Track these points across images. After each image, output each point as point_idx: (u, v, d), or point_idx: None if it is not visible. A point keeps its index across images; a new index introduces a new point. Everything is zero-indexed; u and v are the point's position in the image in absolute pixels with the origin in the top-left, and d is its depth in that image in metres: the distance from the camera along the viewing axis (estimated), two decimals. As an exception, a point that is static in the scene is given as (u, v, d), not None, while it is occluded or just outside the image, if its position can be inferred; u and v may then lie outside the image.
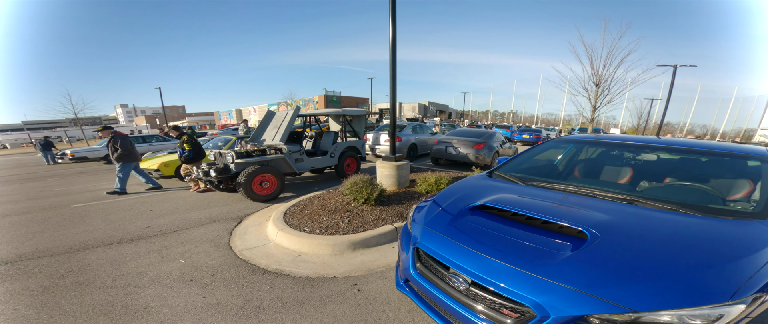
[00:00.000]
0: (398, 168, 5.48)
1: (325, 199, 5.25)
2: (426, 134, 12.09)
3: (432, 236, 2.07)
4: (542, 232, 1.85)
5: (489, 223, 2.03)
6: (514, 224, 1.98)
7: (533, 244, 1.75)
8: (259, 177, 5.75)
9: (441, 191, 2.83)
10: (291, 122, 6.44)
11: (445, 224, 2.12)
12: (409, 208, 4.68)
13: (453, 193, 2.65)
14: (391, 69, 5.23)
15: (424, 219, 2.29)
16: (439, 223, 2.15)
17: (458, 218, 2.15)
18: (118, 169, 6.73)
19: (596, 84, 8.95)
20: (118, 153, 6.59)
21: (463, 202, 2.35)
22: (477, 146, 8.20)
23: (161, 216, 5.17)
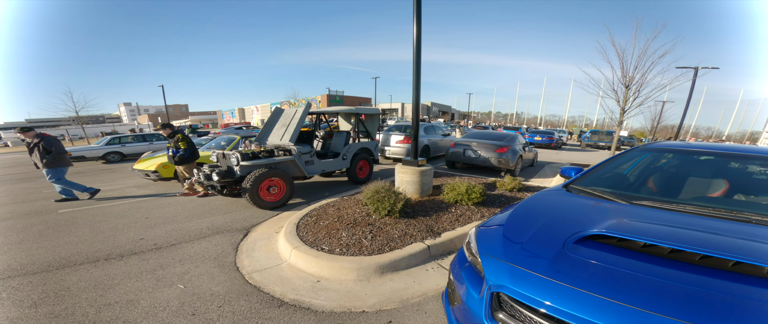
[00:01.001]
0: (422, 174, 4.91)
1: (341, 208, 4.69)
2: (438, 135, 11.54)
3: (528, 279, 1.50)
4: (711, 273, 1.31)
5: (622, 261, 1.47)
6: (659, 262, 1.43)
7: (716, 291, 1.23)
8: (266, 181, 5.19)
9: (510, 212, 2.24)
10: (301, 120, 5.88)
11: (547, 262, 1.55)
12: (438, 220, 4.11)
13: (534, 216, 2.09)
14: (415, 69, 4.71)
15: (505, 253, 1.71)
16: (536, 260, 1.59)
17: (566, 253, 1.58)
18: (50, 176, 5.76)
19: (626, 86, 8.36)
20: (50, 156, 5.64)
21: (561, 230, 1.80)
22: (500, 150, 7.62)
23: (157, 225, 4.61)
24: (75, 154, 12.40)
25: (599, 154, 18.03)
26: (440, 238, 3.67)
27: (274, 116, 6.57)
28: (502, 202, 4.90)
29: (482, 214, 4.39)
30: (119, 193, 6.72)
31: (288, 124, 6.13)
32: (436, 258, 3.47)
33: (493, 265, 1.67)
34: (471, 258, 1.90)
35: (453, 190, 4.65)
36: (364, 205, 4.43)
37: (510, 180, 5.60)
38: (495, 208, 4.67)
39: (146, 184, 7.60)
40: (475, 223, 4.07)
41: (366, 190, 4.41)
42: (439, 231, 3.82)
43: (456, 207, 4.54)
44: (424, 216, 4.21)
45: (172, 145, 6.01)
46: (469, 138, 8.55)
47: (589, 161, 12.50)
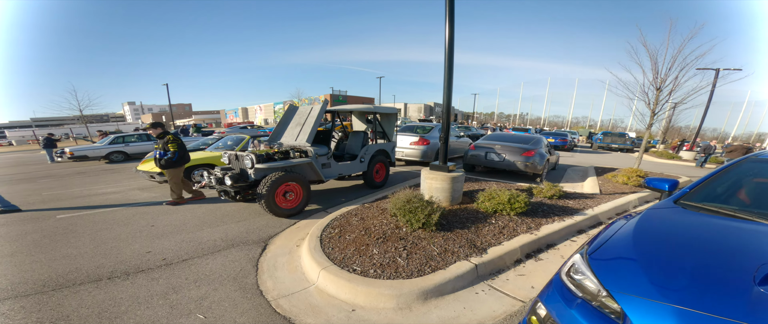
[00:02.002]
0: (453, 180, 4.48)
1: (364, 217, 4.28)
2: (452, 136, 11.09)
3: None
4: None
5: None
6: None
7: None
8: (282, 186, 4.77)
9: (628, 236, 1.80)
10: (318, 119, 5.45)
11: (743, 304, 1.19)
12: (479, 233, 3.68)
13: (671, 241, 1.72)
14: (447, 67, 4.29)
15: (662, 291, 1.33)
16: (721, 301, 1.23)
17: (764, 293, 1.18)
18: None
19: (658, 88, 7.90)
20: None
21: (733, 262, 1.46)
22: (527, 153, 7.17)
23: (165, 235, 4.20)
24: (77, 154, 12.07)
25: (616, 156, 17.54)
26: (487, 254, 3.23)
27: (288, 114, 6.15)
28: (547, 213, 4.46)
29: (528, 225, 3.96)
30: (122, 196, 6.33)
31: (303, 122, 5.71)
32: (485, 278, 3.05)
33: (643, 308, 1.27)
34: (587, 295, 1.48)
35: (491, 199, 4.22)
36: (393, 216, 4.00)
37: (548, 187, 5.16)
38: (540, 218, 4.24)
39: (151, 186, 7.21)
40: (525, 237, 3.65)
41: (393, 199, 3.99)
42: (484, 246, 3.39)
43: (496, 218, 4.11)
44: (462, 228, 3.78)
45: (160, 146, 5.42)
46: (491, 140, 8.10)
47: (615, 164, 12.02)
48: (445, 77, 4.33)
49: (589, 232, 4.32)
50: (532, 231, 3.84)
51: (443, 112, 4.50)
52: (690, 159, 17.14)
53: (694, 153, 17.53)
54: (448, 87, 4.35)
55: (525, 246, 3.52)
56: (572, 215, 4.46)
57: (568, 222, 4.18)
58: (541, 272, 3.20)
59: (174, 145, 5.43)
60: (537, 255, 3.57)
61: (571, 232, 4.16)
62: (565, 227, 4.06)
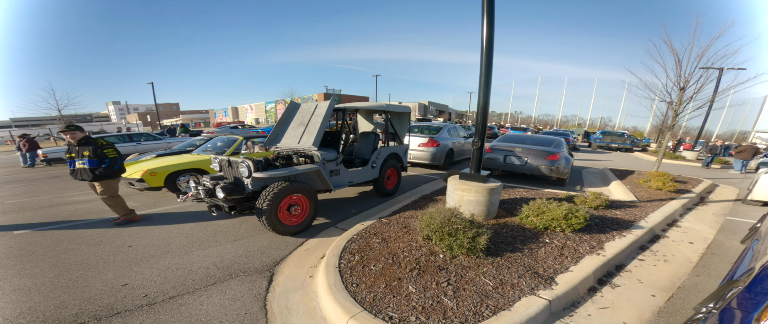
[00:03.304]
0: (491, 193, 3.81)
1: (386, 238, 3.60)
2: (461, 138, 10.47)
3: None
4: None
5: None
6: None
7: None
8: (286, 199, 4.03)
9: None
10: (327, 118, 4.70)
11: None
12: (535, 257, 3.03)
13: None
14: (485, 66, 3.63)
15: None
16: None
17: None
18: None
19: (681, 88, 7.45)
20: None
21: None
22: (552, 157, 6.57)
23: (145, 259, 3.42)
24: (52, 156, 11.04)
25: (619, 156, 17.20)
26: (557, 285, 2.59)
27: (289, 112, 5.37)
28: (601, 227, 3.86)
29: (588, 244, 3.34)
30: (96, 206, 5.48)
31: (307, 122, 4.95)
32: (560, 316, 2.42)
33: None
34: None
35: (541, 214, 3.58)
36: (426, 239, 3.31)
37: (594, 196, 4.56)
38: (596, 233, 3.64)
39: (130, 193, 6.35)
40: (593, 260, 3.04)
41: (424, 218, 3.31)
42: (549, 274, 2.75)
43: (548, 235, 3.47)
44: (513, 251, 3.12)
45: (90, 153, 4.25)
46: (509, 142, 7.48)
47: (628, 165, 11.54)
48: (481, 76, 3.68)
49: (652, 248, 3.72)
50: (596, 251, 3.21)
51: (478, 114, 3.83)
52: (693, 159, 16.92)
53: (697, 153, 17.32)
54: (486, 87, 3.69)
55: (597, 270, 2.89)
56: (628, 229, 3.87)
57: (630, 237, 3.58)
58: (625, 303, 2.58)
59: (111, 151, 4.40)
60: (609, 280, 2.95)
61: (634, 249, 3.56)
62: (630, 244, 3.46)
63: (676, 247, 3.83)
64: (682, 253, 3.67)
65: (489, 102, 3.73)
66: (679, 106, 7.90)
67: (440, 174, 8.61)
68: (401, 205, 5.12)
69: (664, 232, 4.30)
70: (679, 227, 4.53)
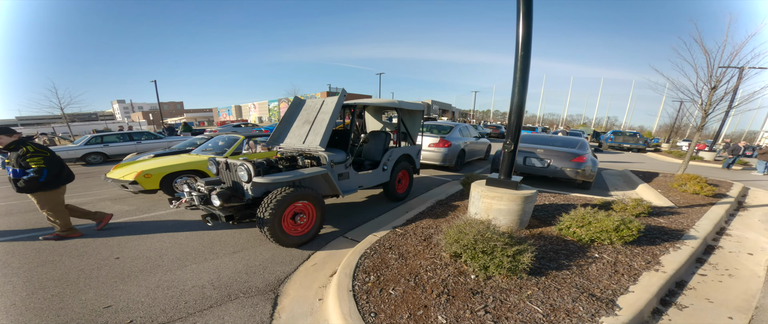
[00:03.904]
0: (525, 201, 3.36)
1: (404, 253, 3.18)
2: (472, 138, 10.01)
3: None
4: None
5: None
6: None
7: None
8: (291, 207, 3.60)
9: None
10: (335, 115, 4.26)
11: None
12: (587, 276, 2.60)
13: None
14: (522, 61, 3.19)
15: None
16: None
17: None
18: None
19: (713, 88, 7.01)
20: None
21: None
22: (578, 159, 6.10)
23: (133, 275, 3.01)
24: (49, 156, 10.67)
25: (632, 156, 16.62)
26: (621, 309, 2.16)
27: (293, 109, 4.93)
28: (655, 238, 3.43)
29: (643, 258, 2.90)
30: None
31: (313, 120, 4.50)
32: None
33: None
34: None
35: (586, 225, 3.13)
36: (454, 257, 2.87)
37: (635, 203, 4.11)
38: (648, 246, 3.22)
39: (125, 196, 5.97)
40: (653, 278, 2.62)
41: (451, 232, 2.86)
42: (608, 296, 2.31)
43: (595, 249, 3.02)
44: (558, 268, 2.68)
45: (13, 162, 3.57)
46: (529, 143, 7.00)
47: (648, 166, 11.00)
48: (517, 71, 3.24)
49: (709, 260, 3.27)
50: (653, 266, 2.77)
51: (512, 113, 3.37)
52: (710, 160, 16.32)
53: (714, 154, 16.71)
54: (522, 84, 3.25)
55: (661, 289, 2.46)
56: (679, 239, 3.43)
57: (685, 250, 3.13)
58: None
59: (37, 159, 3.57)
60: (673, 299, 2.53)
61: (691, 262, 3.12)
62: (688, 257, 3.02)
63: (736, 259, 3.38)
64: (744, 266, 3.22)
65: (524, 101, 3.28)
66: (709, 106, 7.43)
67: (452, 176, 8.17)
68: (415, 212, 4.69)
69: (716, 241, 3.83)
70: (730, 236, 4.06)
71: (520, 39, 3.14)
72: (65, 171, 3.90)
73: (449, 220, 4.14)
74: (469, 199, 3.79)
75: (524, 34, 3.12)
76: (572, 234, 3.19)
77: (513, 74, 3.22)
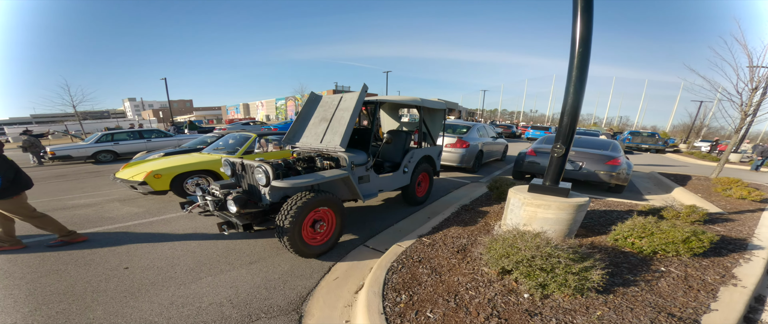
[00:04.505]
0: (578, 209, 3.02)
1: (436, 267, 2.89)
2: (489, 138, 9.62)
3: None
4: None
5: None
6: None
7: None
8: (311, 214, 3.32)
9: None
10: (356, 113, 3.93)
11: None
12: (658, 293, 2.28)
13: None
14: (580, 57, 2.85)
15: None
16: None
17: None
18: None
19: (754, 89, 6.58)
20: None
21: None
22: (612, 162, 5.70)
23: (144, 289, 2.76)
24: (59, 154, 10.63)
25: (653, 157, 16.02)
26: None
27: (309, 106, 4.63)
28: (720, 248, 3.08)
29: (717, 272, 2.60)
30: (95, 212, 4.89)
31: (331, 117, 4.20)
32: None
33: None
34: None
35: (650, 235, 2.80)
36: (502, 274, 2.56)
37: (688, 209, 3.74)
38: (717, 257, 2.87)
39: (134, 197, 5.77)
40: (734, 293, 2.32)
41: (495, 245, 2.56)
42: (689, 316, 2.03)
43: (659, 261, 2.68)
44: (624, 284, 2.38)
45: None
46: None
47: (673, 168, 10.50)
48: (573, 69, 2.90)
49: None
50: (728, 280, 2.46)
51: (564, 115, 3.02)
52: (735, 161, 15.63)
53: (740, 155, 16.02)
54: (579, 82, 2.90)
55: (746, 307, 2.14)
56: (745, 249, 3.13)
57: (757, 261, 2.81)
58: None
59: None
60: (756, 317, 2.23)
61: (763, 274, 2.76)
62: (763, 270, 2.67)
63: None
64: (822, 285, 2.84)
65: (580, 103, 2.94)
66: (749, 107, 6.97)
67: (470, 178, 7.82)
68: (439, 218, 4.37)
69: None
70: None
71: (578, 35, 2.80)
72: (23, 176, 3.47)
73: (480, 228, 3.82)
74: (507, 206, 3.47)
75: (584, 30, 2.78)
76: (630, 245, 2.86)
77: (567, 73, 2.89)
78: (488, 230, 3.75)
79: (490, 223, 4.04)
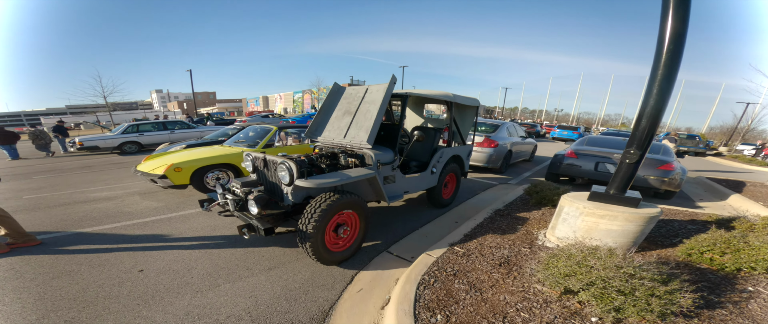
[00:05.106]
0: (649, 221, 2.60)
1: (474, 281, 2.57)
2: (518, 137, 9.07)
3: None
4: None
5: None
6: None
7: None
8: (336, 217, 3.03)
9: None
10: (384, 106, 3.58)
11: None
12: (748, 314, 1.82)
13: None
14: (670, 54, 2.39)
15: None
16: None
17: None
18: None
19: None
20: None
21: None
22: (665, 167, 5.12)
23: (159, 295, 2.56)
24: (87, 144, 10.88)
25: (697, 161, 14.89)
26: None
27: (332, 98, 4.31)
28: None
29: None
30: (115, 206, 4.81)
31: (355, 111, 3.88)
32: None
33: None
34: None
35: (736, 251, 2.37)
36: (568, 293, 2.18)
37: (763, 220, 3.22)
38: None
39: (154, 191, 5.69)
40: None
41: (557, 264, 2.18)
42: None
43: (743, 280, 2.27)
44: (708, 307, 1.99)
45: None
46: (601, 147, 6.02)
47: (723, 172, 9.64)
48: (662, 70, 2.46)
49: None
50: None
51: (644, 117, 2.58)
52: (788, 166, 14.28)
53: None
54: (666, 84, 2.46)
55: None
56: None
57: None
58: None
59: None
60: None
61: None
62: None
63: None
64: None
65: (665, 106, 2.50)
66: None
67: (498, 179, 7.37)
68: (471, 224, 4.00)
69: None
70: None
71: (669, 31, 2.36)
72: None
73: (521, 238, 3.43)
74: (558, 215, 3.07)
75: (678, 25, 2.33)
76: (708, 261, 2.43)
77: (651, 72, 2.47)
78: (531, 240, 3.36)
79: (532, 231, 3.64)
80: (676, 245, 3.14)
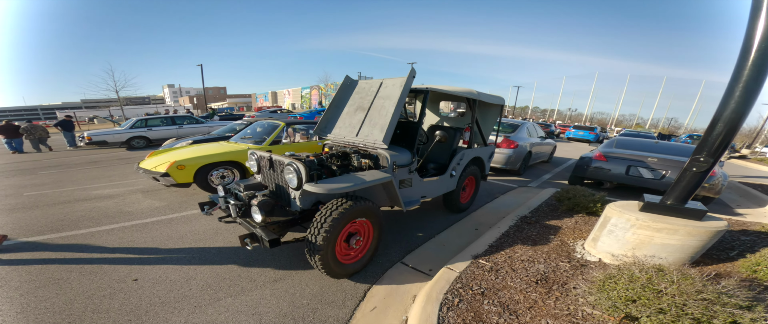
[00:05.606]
0: (714, 236, 2.23)
1: (507, 302, 2.27)
2: (537, 138, 8.62)
3: None
4: None
5: None
6: None
7: None
8: (348, 226, 2.72)
9: None
10: (402, 103, 3.24)
11: None
12: None
13: None
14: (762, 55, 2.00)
15: None
16: None
17: None
18: None
19: None
20: None
21: None
22: (707, 171, 4.69)
23: (153, 309, 2.29)
24: (96, 139, 10.80)
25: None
26: None
27: (343, 92, 3.97)
28: None
29: None
30: (116, 204, 4.59)
31: (368, 107, 3.54)
32: None
33: None
34: None
35: None
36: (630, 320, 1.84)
37: None
38: None
39: (157, 188, 5.47)
40: None
41: (612, 285, 1.82)
42: None
43: None
44: None
45: None
46: (634, 150, 5.55)
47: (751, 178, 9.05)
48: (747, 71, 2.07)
49: None
50: None
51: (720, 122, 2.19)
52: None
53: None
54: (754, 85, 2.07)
55: None
56: None
57: None
58: None
59: None
60: None
61: None
62: None
63: None
64: None
65: (748, 110, 2.11)
66: None
67: (517, 181, 6.96)
68: (495, 233, 3.64)
69: None
70: None
71: (760, 28, 1.96)
72: None
73: (556, 250, 3.07)
74: (603, 226, 2.70)
75: None
76: None
77: (734, 72, 2.08)
78: (568, 253, 3.00)
79: (567, 242, 3.27)
80: (734, 259, 2.75)
